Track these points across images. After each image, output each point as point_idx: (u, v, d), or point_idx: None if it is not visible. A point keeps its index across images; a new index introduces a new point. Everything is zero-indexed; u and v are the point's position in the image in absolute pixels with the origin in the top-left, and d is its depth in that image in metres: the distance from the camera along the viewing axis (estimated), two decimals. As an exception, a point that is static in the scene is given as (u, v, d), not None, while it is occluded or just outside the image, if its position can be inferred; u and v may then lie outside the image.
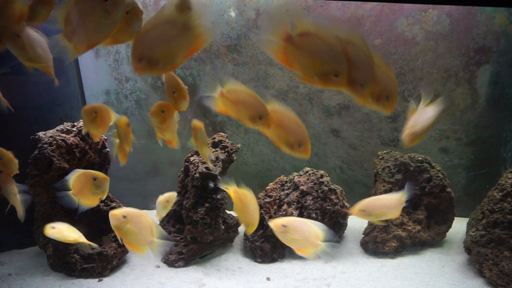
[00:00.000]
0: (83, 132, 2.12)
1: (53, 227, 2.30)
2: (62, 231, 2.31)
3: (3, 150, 2.21)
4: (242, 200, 2.01)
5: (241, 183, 2.06)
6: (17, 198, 2.31)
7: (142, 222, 2.03)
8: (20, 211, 2.33)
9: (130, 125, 2.22)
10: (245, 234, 3.23)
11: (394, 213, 2.30)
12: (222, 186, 2.06)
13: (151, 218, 2.09)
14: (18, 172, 2.28)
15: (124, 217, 1.98)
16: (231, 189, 2.04)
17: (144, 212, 2.08)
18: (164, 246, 2.08)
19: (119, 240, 2.14)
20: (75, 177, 2.16)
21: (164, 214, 2.62)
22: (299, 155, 1.68)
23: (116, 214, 1.99)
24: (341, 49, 1.40)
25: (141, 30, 1.57)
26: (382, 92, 1.50)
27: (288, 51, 1.45)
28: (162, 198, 2.55)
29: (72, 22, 1.52)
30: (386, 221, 2.88)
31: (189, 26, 1.55)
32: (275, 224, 1.94)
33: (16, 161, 2.25)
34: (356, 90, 1.47)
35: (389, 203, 2.29)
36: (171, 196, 2.57)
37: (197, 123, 2.08)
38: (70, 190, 2.15)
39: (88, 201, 2.21)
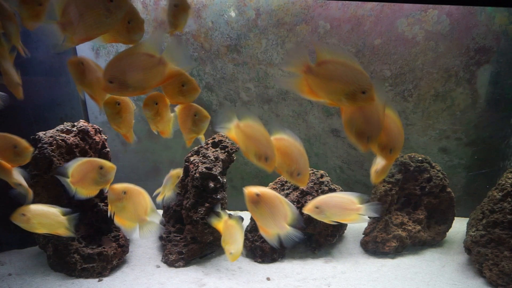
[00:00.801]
0: (81, 95, 2.02)
1: (23, 214, 2.14)
2: (30, 220, 2.14)
3: (17, 138, 2.13)
4: (231, 232, 2.04)
5: (232, 216, 2.13)
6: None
7: (139, 201, 2.01)
8: (30, 194, 2.24)
9: (125, 104, 2.00)
10: (245, 234, 3.23)
11: (347, 216, 2.10)
12: (211, 223, 2.09)
13: (149, 198, 2.08)
14: (29, 160, 2.19)
15: (124, 193, 1.96)
16: (221, 222, 2.07)
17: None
18: (154, 227, 2.06)
19: (110, 214, 2.05)
20: (77, 165, 2.06)
21: (168, 191, 2.50)
22: (295, 183, 1.77)
23: (116, 189, 1.96)
24: (361, 68, 1.48)
25: (117, 54, 1.64)
26: (388, 144, 1.64)
27: (311, 82, 1.54)
28: (174, 172, 2.48)
29: (70, 13, 1.53)
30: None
31: (164, 62, 1.67)
32: (249, 191, 1.81)
33: (31, 149, 2.16)
34: (362, 142, 1.59)
35: (342, 201, 2.11)
36: (180, 172, 2.50)
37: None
38: (68, 177, 2.06)
39: (87, 190, 2.12)
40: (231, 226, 2.05)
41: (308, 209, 2.12)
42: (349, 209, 2.07)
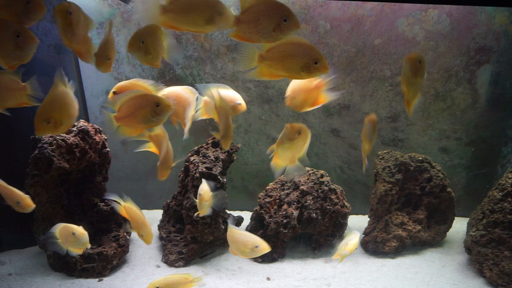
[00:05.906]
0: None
1: None
2: None
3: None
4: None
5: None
6: None
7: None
8: None
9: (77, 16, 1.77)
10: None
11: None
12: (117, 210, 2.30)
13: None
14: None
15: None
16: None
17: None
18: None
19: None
20: (129, 99, 1.85)
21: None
22: None
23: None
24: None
25: None
26: None
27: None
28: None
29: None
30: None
31: None
32: (291, 126, 2.00)
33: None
34: None
35: (179, 280, 2.31)
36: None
37: None
38: (114, 112, 1.88)
39: (131, 130, 1.93)
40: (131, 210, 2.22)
41: None
42: (184, 284, 2.31)
